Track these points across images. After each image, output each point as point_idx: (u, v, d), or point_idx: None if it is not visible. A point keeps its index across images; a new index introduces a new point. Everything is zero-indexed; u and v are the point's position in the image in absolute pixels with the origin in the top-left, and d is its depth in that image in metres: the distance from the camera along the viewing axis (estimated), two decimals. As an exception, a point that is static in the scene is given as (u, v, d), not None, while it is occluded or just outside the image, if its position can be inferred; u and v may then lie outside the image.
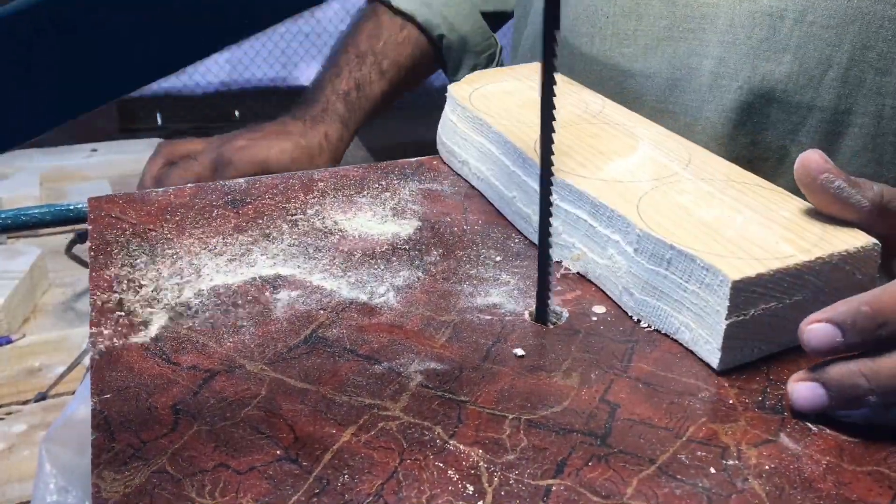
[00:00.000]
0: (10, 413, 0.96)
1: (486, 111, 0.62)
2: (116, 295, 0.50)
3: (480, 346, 0.46)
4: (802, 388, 0.41)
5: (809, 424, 0.41)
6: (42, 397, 1.02)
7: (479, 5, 0.90)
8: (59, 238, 1.30)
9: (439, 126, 0.68)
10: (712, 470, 0.38)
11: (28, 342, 1.07)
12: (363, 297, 0.50)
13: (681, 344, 0.46)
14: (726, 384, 0.44)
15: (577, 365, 0.45)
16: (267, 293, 0.50)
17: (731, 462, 0.39)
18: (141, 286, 0.51)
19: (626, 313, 0.49)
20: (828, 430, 0.41)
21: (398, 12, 0.87)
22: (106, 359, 0.45)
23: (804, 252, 0.44)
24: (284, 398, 0.42)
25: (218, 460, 0.38)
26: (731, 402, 0.43)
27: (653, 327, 0.48)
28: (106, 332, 0.47)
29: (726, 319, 0.43)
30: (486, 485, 0.37)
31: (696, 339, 0.45)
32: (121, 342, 0.46)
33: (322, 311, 0.49)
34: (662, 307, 0.47)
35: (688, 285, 0.45)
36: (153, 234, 0.56)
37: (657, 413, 0.42)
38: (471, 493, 0.37)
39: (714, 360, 0.44)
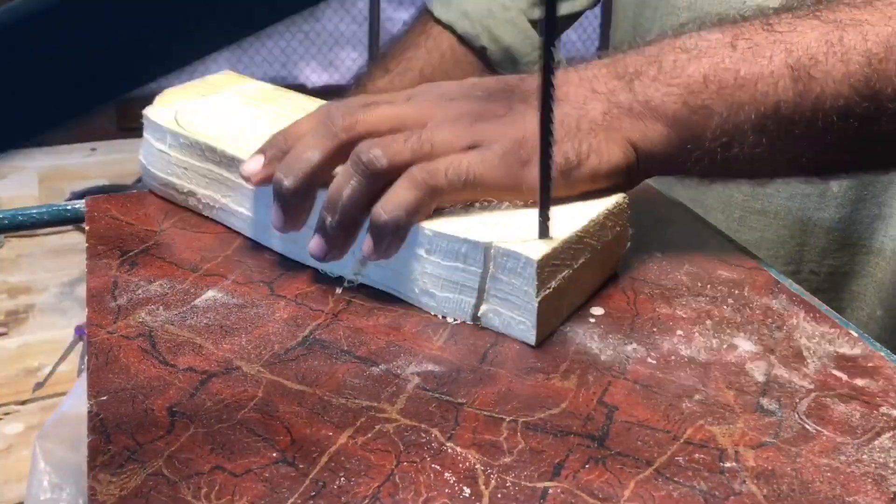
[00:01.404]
0: (8, 413, 0.96)
1: (205, 132, 0.57)
2: (113, 296, 0.50)
3: (478, 348, 0.46)
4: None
5: (808, 427, 0.41)
6: (39, 385, 1.01)
7: (527, 13, 0.87)
8: (58, 238, 1.30)
9: (142, 157, 0.61)
10: (709, 472, 0.38)
11: (25, 341, 1.07)
12: (361, 299, 0.50)
13: (491, 330, 0.48)
14: (724, 386, 0.44)
15: (575, 367, 0.45)
16: (264, 294, 0.50)
17: (728, 464, 0.39)
18: (138, 287, 0.51)
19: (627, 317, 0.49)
20: (826, 432, 0.41)
21: (438, 22, 0.85)
22: (102, 360, 0.44)
23: (574, 219, 0.48)
24: (281, 400, 0.42)
25: (214, 463, 0.38)
26: (728, 404, 0.42)
27: (458, 320, 0.48)
28: (102, 333, 0.47)
29: (536, 297, 0.45)
30: (482, 487, 0.37)
31: (508, 323, 0.47)
32: (117, 344, 0.46)
33: (319, 313, 0.49)
34: (466, 299, 0.48)
35: (489, 273, 0.46)
36: (151, 234, 0.56)
37: (655, 415, 0.42)
38: (468, 495, 0.37)
39: (530, 337, 0.46)
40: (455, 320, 0.48)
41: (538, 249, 0.45)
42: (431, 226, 0.47)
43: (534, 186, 0.48)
